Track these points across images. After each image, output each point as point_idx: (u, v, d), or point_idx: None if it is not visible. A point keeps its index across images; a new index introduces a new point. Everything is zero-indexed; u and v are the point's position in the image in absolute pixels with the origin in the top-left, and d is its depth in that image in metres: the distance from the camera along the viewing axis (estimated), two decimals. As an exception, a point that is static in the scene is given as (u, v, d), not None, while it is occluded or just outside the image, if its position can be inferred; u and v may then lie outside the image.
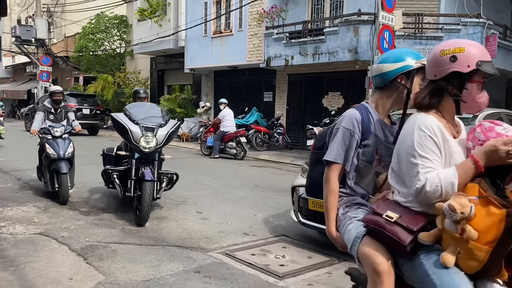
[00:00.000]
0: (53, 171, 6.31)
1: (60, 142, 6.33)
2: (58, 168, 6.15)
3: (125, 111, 5.75)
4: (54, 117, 6.73)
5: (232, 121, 12.81)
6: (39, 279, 3.68)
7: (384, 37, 9.68)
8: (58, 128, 6.45)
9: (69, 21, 26.84)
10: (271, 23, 14.04)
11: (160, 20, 18.55)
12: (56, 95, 6.77)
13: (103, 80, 22.10)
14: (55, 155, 6.19)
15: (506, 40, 12.20)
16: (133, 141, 5.35)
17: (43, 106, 6.80)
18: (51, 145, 6.22)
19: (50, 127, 6.44)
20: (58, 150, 6.21)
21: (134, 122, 5.46)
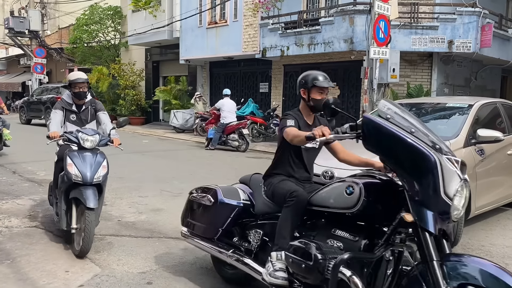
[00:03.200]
0: (73, 201, 4.17)
1: (88, 157, 4.17)
2: (83, 199, 3.99)
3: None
4: (77, 118, 4.68)
5: (233, 113, 12.58)
6: (35, 272, 3.68)
7: (380, 27, 9.64)
8: (90, 136, 4.27)
9: (62, 12, 26.57)
10: (266, 13, 13.95)
11: (154, 11, 18.38)
12: (77, 86, 4.57)
13: (98, 71, 21.92)
14: (79, 177, 4.03)
15: (502, 30, 12.19)
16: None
17: (61, 102, 4.70)
18: (76, 161, 4.09)
19: (80, 133, 4.27)
20: (85, 170, 4.06)
21: None
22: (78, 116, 4.71)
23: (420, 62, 12.15)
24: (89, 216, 3.95)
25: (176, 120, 17.08)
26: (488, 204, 5.19)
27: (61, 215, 4.30)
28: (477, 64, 13.15)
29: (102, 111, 4.84)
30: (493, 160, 5.19)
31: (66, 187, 4.18)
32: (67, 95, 4.75)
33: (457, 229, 4.51)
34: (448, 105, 5.78)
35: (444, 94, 12.00)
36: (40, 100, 19.27)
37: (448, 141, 4.75)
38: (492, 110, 5.82)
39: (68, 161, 4.10)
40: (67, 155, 4.16)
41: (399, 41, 11.13)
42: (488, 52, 11.52)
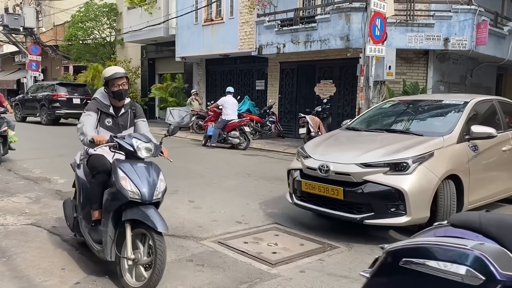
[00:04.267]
0: (127, 224, 3.32)
1: (144, 169, 3.44)
2: (150, 222, 3.18)
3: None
4: (114, 123, 3.89)
5: (235, 110, 12.41)
6: (31, 269, 3.67)
7: (376, 24, 9.64)
8: (147, 143, 3.52)
9: (57, 9, 26.44)
10: (262, 10, 13.93)
11: (150, 8, 18.33)
12: (116, 83, 3.79)
13: (94, 69, 21.86)
14: (136, 194, 3.28)
15: (497, 27, 12.22)
16: None
17: (96, 103, 3.87)
18: (130, 175, 3.34)
19: (135, 139, 3.50)
20: (142, 186, 3.32)
21: None
22: (115, 121, 3.88)
23: (416, 60, 12.17)
24: (161, 243, 3.18)
25: (172, 118, 17.03)
26: (481, 199, 5.26)
27: (107, 243, 3.39)
28: (473, 61, 13.19)
29: (142, 118, 4.06)
30: (487, 156, 5.27)
31: (117, 207, 3.36)
32: (101, 94, 3.93)
33: None
34: (444, 102, 5.84)
35: (440, 92, 12.04)
36: (35, 98, 19.18)
37: (442, 137, 4.85)
38: (488, 107, 5.90)
39: (121, 174, 3.31)
40: (118, 167, 3.36)
41: (395, 39, 11.15)
42: (483, 50, 11.56)
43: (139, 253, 3.31)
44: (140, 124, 4.03)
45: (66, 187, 6.75)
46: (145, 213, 3.23)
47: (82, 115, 3.80)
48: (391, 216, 4.37)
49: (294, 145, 12.28)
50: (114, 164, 3.46)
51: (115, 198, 3.37)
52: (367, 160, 4.51)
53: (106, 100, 3.90)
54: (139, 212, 3.27)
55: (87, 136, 3.54)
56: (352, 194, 4.46)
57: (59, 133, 15.28)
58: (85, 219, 3.83)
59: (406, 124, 5.67)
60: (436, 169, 4.52)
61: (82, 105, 18.82)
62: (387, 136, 5.30)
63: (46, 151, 10.61)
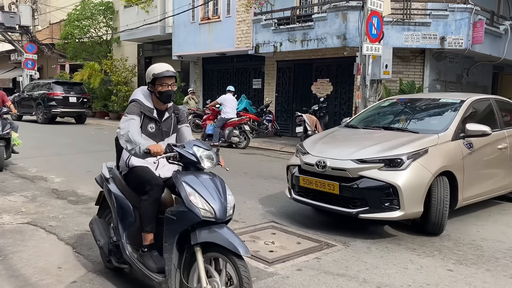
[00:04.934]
0: (197, 248, 2.74)
1: (210, 182, 2.93)
2: (231, 246, 2.64)
3: None
4: (157, 129, 3.38)
5: (234, 109, 12.27)
6: (27, 268, 3.66)
7: (373, 23, 9.65)
8: (209, 152, 3.02)
9: (53, 8, 26.35)
10: (259, 9, 13.93)
11: (147, 6, 18.28)
12: (167, 81, 3.30)
13: (90, 67, 21.80)
14: (209, 212, 2.77)
15: (493, 26, 12.27)
16: None
17: (138, 105, 3.33)
18: (200, 190, 2.83)
19: (196, 147, 2.98)
20: (215, 202, 2.82)
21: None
22: (158, 126, 3.38)
23: (413, 59, 12.20)
24: (246, 269, 2.66)
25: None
26: (476, 196, 5.32)
27: (171, 273, 2.84)
28: (469, 60, 13.24)
29: (185, 123, 3.57)
30: (482, 153, 5.34)
31: (184, 229, 2.79)
32: (144, 95, 3.39)
33: (441, 217, 4.65)
34: (441, 101, 5.93)
35: (436, 90, 12.08)
36: (31, 96, 19.11)
37: (437, 134, 4.95)
38: (485, 106, 5.98)
39: (188, 189, 2.81)
40: (183, 181, 2.85)
41: (392, 38, 11.17)
42: (479, 49, 11.60)
43: (215, 282, 2.74)
44: (185, 131, 3.53)
45: (62, 186, 6.74)
46: (220, 235, 2.69)
47: (124, 119, 3.22)
48: (385, 210, 4.48)
49: (291, 144, 12.28)
50: (177, 177, 2.92)
51: (183, 218, 2.79)
52: (362, 156, 4.65)
53: (149, 102, 3.37)
54: (212, 233, 2.72)
55: (139, 145, 3.00)
56: (347, 189, 4.60)
57: (55, 132, 15.23)
58: (131, 244, 3.25)
59: (403, 122, 5.79)
60: (430, 166, 4.61)
61: (78, 103, 18.81)
62: (384, 133, 5.41)
63: (42, 150, 10.57)
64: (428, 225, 4.70)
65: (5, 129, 7.76)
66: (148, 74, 3.34)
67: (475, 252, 4.31)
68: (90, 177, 7.42)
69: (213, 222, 2.77)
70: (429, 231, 4.74)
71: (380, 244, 4.46)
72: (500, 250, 4.37)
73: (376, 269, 3.80)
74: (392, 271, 3.79)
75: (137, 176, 3.26)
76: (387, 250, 4.31)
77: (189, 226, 2.78)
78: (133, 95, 3.44)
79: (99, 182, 3.70)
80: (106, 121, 20.62)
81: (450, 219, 5.28)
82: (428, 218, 4.65)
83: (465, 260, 4.08)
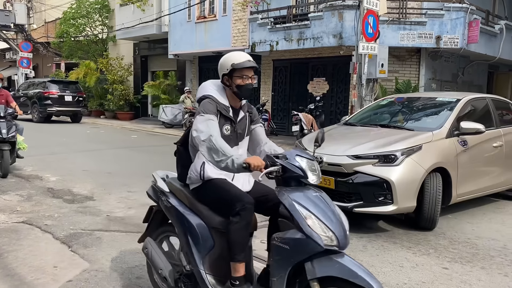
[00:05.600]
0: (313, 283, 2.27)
1: (320, 201, 2.42)
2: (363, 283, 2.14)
3: None
4: (232, 131, 2.78)
5: None
6: (23, 267, 3.65)
7: (369, 22, 9.67)
8: (312, 161, 2.52)
9: (49, 6, 26.20)
10: (255, 8, 13.92)
11: (142, 5, 18.23)
12: (247, 73, 2.73)
13: (85, 66, 21.72)
14: (331, 239, 2.28)
15: (488, 26, 12.32)
16: None
17: (213, 102, 2.71)
18: (315, 211, 2.33)
19: (298, 156, 2.49)
20: (333, 226, 2.32)
21: None
22: (233, 128, 2.78)
23: (408, 58, 12.23)
24: None
25: (165, 115, 17.00)
26: (471, 192, 5.39)
27: None
28: (464, 59, 13.29)
29: (259, 123, 3.00)
30: (476, 151, 5.42)
31: (299, 260, 2.30)
32: (217, 90, 2.78)
33: (434, 212, 4.72)
34: (438, 99, 6.05)
35: (432, 90, 12.12)
36: (27, 95, 19.03)
37: (431, 132, 5.07)
38: (481, 104, 6.08)
39: (303, 211, 2.30)
40: (294, 201, 2.34)
41: (388, 37, 11.19)
42: (475, 48, 11.64)
43: None
44: (260, 132, 2.96)
45: (58, 185, 6.71)
46: (344, 266, 2.20)
47: (200, 120, 2.59)
48: (379, 205, 4.59)
49: (287, 143, 12.28)
50: (284, 196, 2.39)
51: (298, 248, 2.28)
52: (357, 152, 4.78)
53: (224, 99, 2.77)
54: (333, 265, 2.23)
55: (230, 157, 2.42)
56: (343, 184, 4.75)
57: (50, 131, 15.17)
58: (214, 275, 2.70)
59: (400, 120, 5.92)
60: (423, 162, 4.71)
61: (73, 102, 18.73)
62: (380, 131, 5.53)
63: (38, 149, 10.52)
64: (421, 220, 4.79)
65: (10, 132, 7.14)
66: (225, 64, 2.74)
67: (470, 250, 4.34)
68: (85, 176, 7.42)
69: (333, 251, 2.27)
70: (422, 226, 4.82)
71: (376, 243, 4.48)
72: (494, 248, 4.40)
73: (371, 268, 3.82)
74: (388, 269, 3.81)
75: (220, 192, 2.67)
76: (383, 248, 4.33)
77: (306, 257, 2.28)
78: (204, 90, 2.81)
79: (152, 196, 3.08)
80: (101, 120, 20.55)
81: (445, 217, 5.31)
82: (421, 213, 4.75)
83: (460, 258, 4.11)
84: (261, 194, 2.83)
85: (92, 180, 7.04)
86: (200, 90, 2.84)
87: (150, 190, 3.12)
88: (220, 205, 2.68)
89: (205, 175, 2.73)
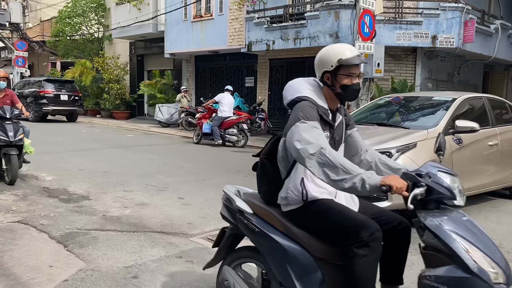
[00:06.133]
0: None
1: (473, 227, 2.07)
2: None
3: None
4: (331, 138, 2.38)
5: (231, 107, 12.21)
6: (18, 267, 3.63)
7: (365, 21, 9.69)
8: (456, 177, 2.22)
9: (44, 5, 26.08)
10: (252, 7, 13.91)
11: (139, 4, 18.20)
12: (354, 70, 2.33)
13: (81, 65, 21.65)
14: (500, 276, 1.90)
15: (484, 25, 12.37)
16: None
17: (313, 105, 2.31)
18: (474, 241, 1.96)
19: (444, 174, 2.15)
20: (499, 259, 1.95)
21: None
22: (332, 134, 2.39)
23: (404, 57, 12.26)
24: None
25: (161, 115, 16.98)
26: (465, 190, 5.35)
27: None
28: (460, 59, 13.33)
29: (355, 127, 2.58)
30: (471, 149, 5.48)
31: None
32: (312, 91, 2.36)
33: None
34: (434, 98, 6.12)
35: (428, 89, 12.16)
36: (22, 94, 18.89)
37: (426, 130, 5.16)
38: (477, 103, 6.16)
39: (464, 243, 1.92)
40: (448, 230, 1.96)
41: (384, 36, 11.22)
42: (470, 48, 11.69)
43: None
44: (358, 138, 2.52)
45: (53, 184, 6.69)
46: None
47: (303, 128, 2.14)
48: (374, 200, 4.60)
49: (283, 142, 12.27)
50: (433, 222, 2.00)
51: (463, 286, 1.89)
52: None
53: (322, 101, 2.36)
54: None
55: (358, 175, 1.98)
56: None
57: (46, 130, 15.10)
58: None
59: (396, 118, 6.00)
60: (418, 159, 4.73)
61: (69, 101, 18.67)
62: (377, 129, 5.60)
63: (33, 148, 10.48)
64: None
65: (17, 135, 6.62)
66: (328, 60, 2.32)
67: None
68: (81, 175, 7.39)
69: None
70: None
71: (372, 241, 4.48)
72: (490, 247, 4.41)
73: (368, 266, 3.82)
74: (384, 268, 3.81)
75: (335, 217, 2.21)
76: (379, 247, 4.33)
77: None
78: (295, 90, 2.40)
79: (228, 218, 2.62)
80: (97, 119, 20.49)
81: (441, 217, 5.33)
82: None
83: (456, 256, 4.11)
84: (372, 215, 2.30)
85: (88, 180, 7.02)
86: (289, 90, 2.43)
87: (223, 210, 2.67)
88: (332, 232, 2.20)
89: (309, 194, 2.28)
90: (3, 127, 6.58)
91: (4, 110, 6.76)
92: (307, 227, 2.27)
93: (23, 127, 6.96)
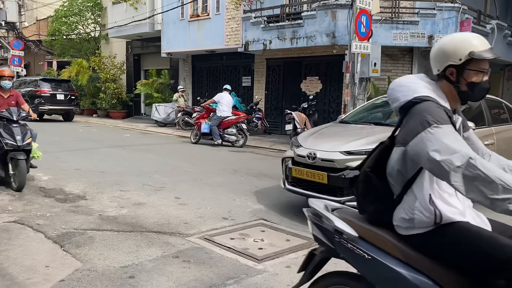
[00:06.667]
0: None
1: None
2: None
3: None
4: None
5: (230, 107, 12.17)
6: (14, 267, 3.62)
7: (362, 21, 9.70)
8: None
9: (40, 4, 25.99)
10: (248, 6, 13.91)
11: (135, 3, 18.16)
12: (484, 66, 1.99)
13: (78, 64, 21.60)
14: None
15: (480, 25, 12.41)
16: None
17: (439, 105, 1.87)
18: None
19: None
20: None
21: None
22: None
23: (401, 57, 12.29)
24: None
25: (158, 114, 16.95)
26: None
27: None
28: (456, 59, 13.36)
29: (471, 128, 2.32)
30: None
31: None
32: (430, 90, 1.95)
33: None
34: None
35: (424, 89, 12.19)
36: (18, 93, 18.86)
37: None
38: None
39: None
40: None
41: (381, 36, 11.24)
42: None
43: None
44: (476, 140, 2.19)
45: (49, 184, 6.67)
46: None
47: (441, 134, 1.73)
48: None
49: (280, 142, 12.31)
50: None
51: None
52: (349, 149, 4.94)
53: (443, 101, 1.95)
54: None
55: None
56: (335, 179, 4.90)
57: (42, 130, 15.00)
58: None
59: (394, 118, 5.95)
60: None
61: (66, 101, 18.61)
62: (373, 128, 5.64)
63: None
64: None
65: (25, 139, 6.20)
66: (456, 52, 1.93)
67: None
68: (78, 175, 7.37)
69: None
70: None
71: (369, 241, 4.49)
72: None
73: (364, 266, 3.83)
74: (380, 268, 3.82)
75: (482, 243, 1.77)
76: (376, 246, 4.34)
77: None
78: (411, 88, 1.95)
79: (322, 239, 2.21)
80: (94, 119, 20.44)
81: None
82: None
83: (452, 256, 4.13)
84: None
85: (84, 179, 7.00)
86: (401, 90, 1.98)
87: (315, 229, 2.25)
88: (475, 263, 1.78)
89: (443, 215, 1.86)
90: (10, 130, 6.16)
91: (11, 112, 6.35)
92: (439, 256, 1.85)
93: (30, 130, 6.49)
